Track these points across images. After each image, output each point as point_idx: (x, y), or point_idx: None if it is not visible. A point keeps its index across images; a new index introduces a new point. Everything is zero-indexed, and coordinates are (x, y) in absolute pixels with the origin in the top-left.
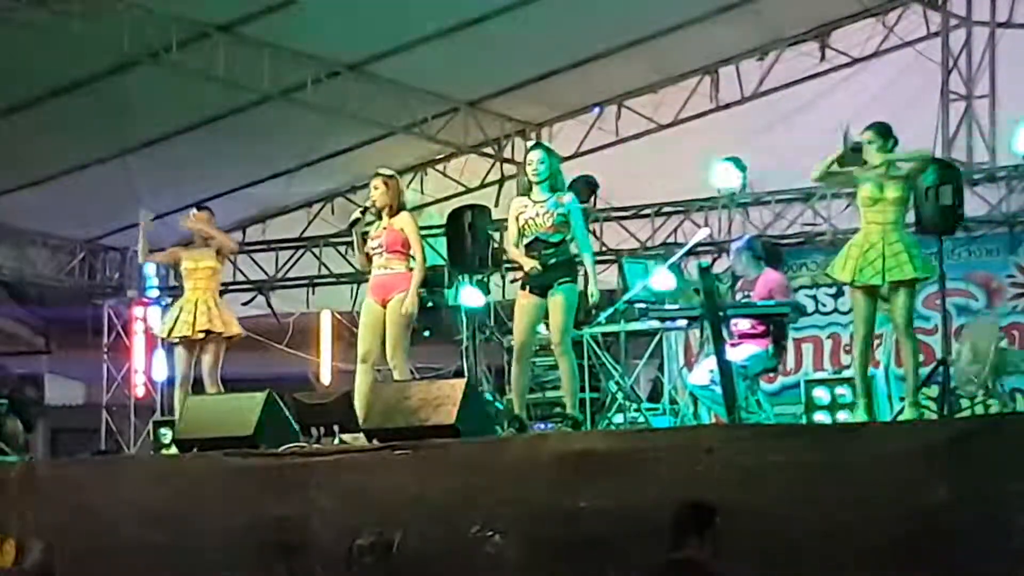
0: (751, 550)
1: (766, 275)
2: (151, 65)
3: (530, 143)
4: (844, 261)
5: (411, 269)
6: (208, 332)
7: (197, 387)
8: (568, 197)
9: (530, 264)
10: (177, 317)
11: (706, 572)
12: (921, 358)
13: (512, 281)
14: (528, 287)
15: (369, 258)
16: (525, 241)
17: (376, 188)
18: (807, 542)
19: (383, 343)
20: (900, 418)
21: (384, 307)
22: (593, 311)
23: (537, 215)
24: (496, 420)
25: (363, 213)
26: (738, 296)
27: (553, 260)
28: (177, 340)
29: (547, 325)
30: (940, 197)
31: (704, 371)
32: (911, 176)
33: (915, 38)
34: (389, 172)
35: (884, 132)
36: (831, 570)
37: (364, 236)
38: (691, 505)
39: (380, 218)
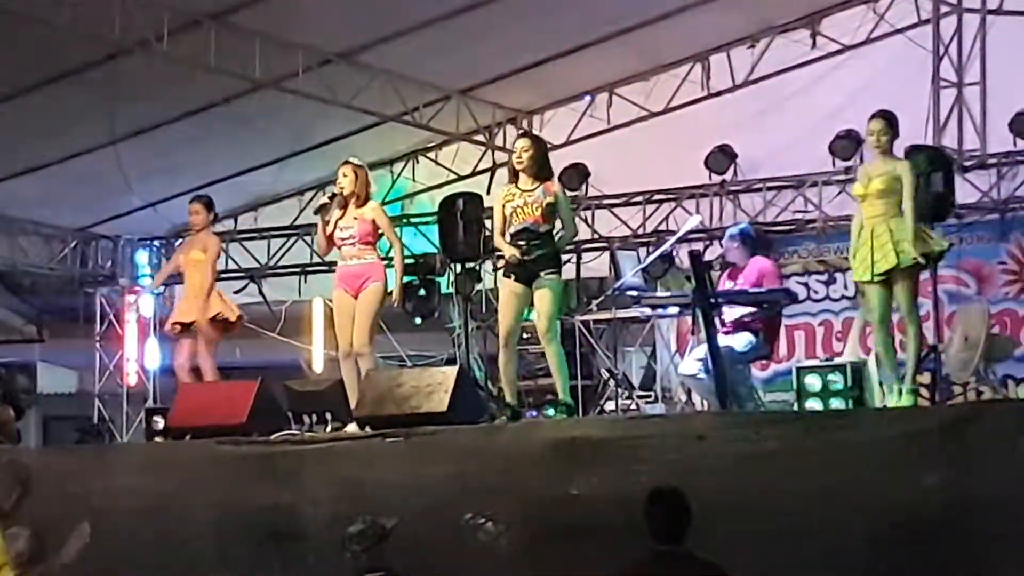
0: (744, 537)
1: (757, 262)
2: (142, 54)
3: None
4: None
5: (381, 258)
6: (196, 321)
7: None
8: (555, 186)
9: (510, 252)
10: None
11: (696, 562)
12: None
13: (495, 269)
14: (513, 275)
15: (331, 244)
16: (512, 230)
17: (344, 176)
18: (799, 529)
19: None
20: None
21: (356, 297)
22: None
23: (525, 204)
24: (488, 408)
25: (331, 199)
26: (725, 284)
27: (540, 251)
28: (178, 328)
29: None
30: (931, 184)
31: (694, 360)
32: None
33: (906, 25)
34: (358, 161)
35: (891, 120)
36: (823, 556)
37: (327, 223)
38: (663, 495)
39: (345, 207)
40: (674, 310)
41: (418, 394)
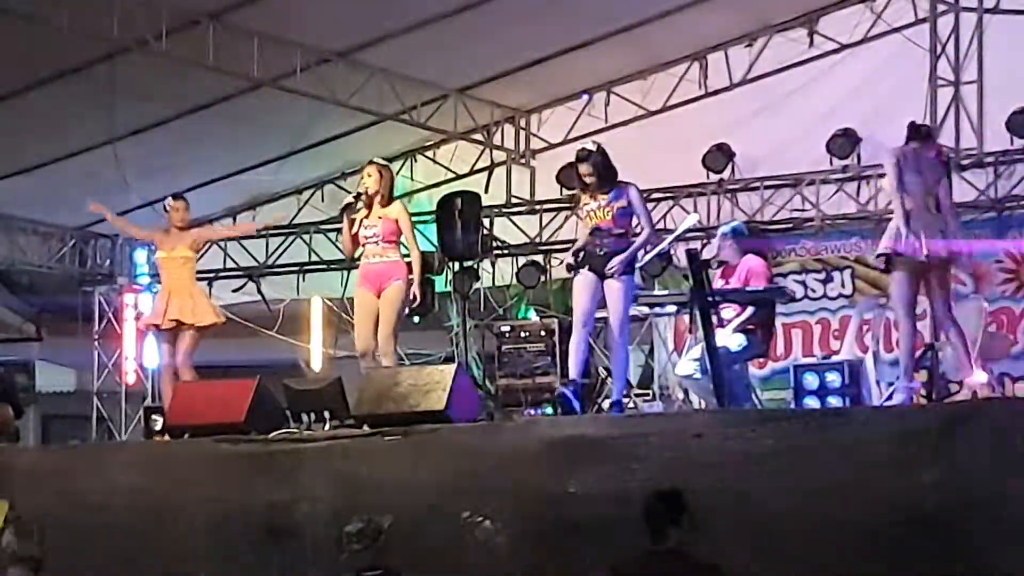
0: (741, 535)
1: (747, 261)
2: (141, 53)
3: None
4: None
5: (404, 256)
6: (179, 322)
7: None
8: (631, 189)
9: (567, 263)
10: (152, 307)
11: (693, 560)
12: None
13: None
14: (587, 266)
15: (356, 243)
16: (587, 230)
17: (369, 176)
18: (797, 526)
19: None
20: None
21: (379, 296)
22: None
23: (599, 208)
24: (486, 406)
25: (356, 199)
26: (717, 283)
27: (614, 247)
28: (154, 330)
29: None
30: None
31: (690, 360)
32: None
33: (903, 24)
34: (383, 161)
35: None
36: (821, 554)
37: (352, 222)
38: (659, 495)
39: (370, 207)
40: (672, 308)
41: (416, 392)
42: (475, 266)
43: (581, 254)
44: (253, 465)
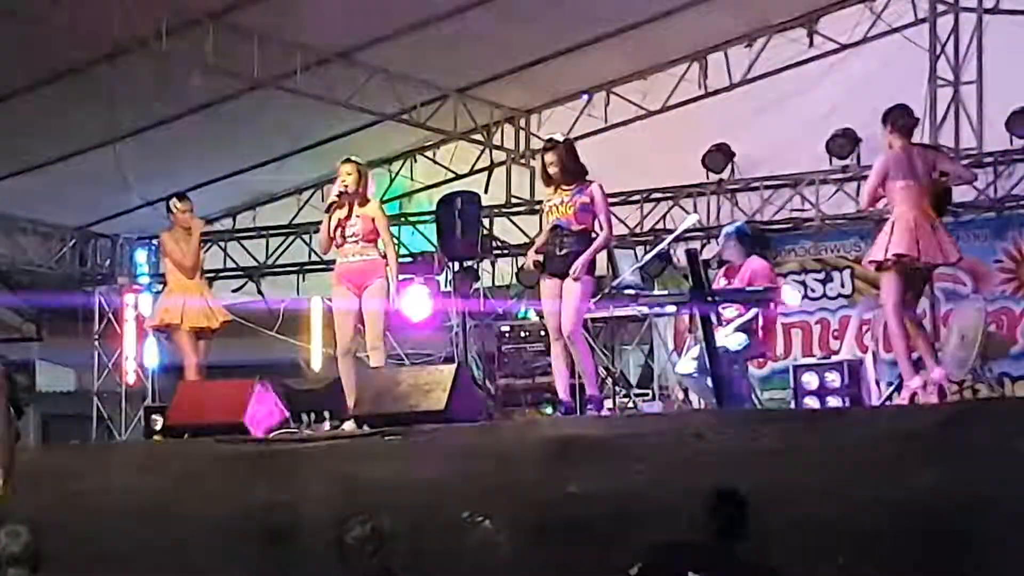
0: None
1: (750, 262)
2: (141, 53)
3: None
4: None
5: (383, 255)
6: (198, 328)
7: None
8: (594, 186)
9: (531, 257)
10: (183, 306)
11: (741, 561)
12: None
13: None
14: (547, 272)
15: (332, 242)
16: (548, 226)
17: (349, 174)
18: (796, 527)
19: (361, 329)
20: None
21: (359, 295)
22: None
23: (561, 203)
24: (486, 406)
25: (339, 197)
26: (720, 282)
27: (571, 248)
28: (192, 328)
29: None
30: None
31: (690, 359)
32: None
33: (903, 24)
34: (359, 159)
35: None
36: (821, 554)
37: (331, 220)
38: (722, 495)
39: (349, 206)
40: (671, 308)
41: (416, 392)
42: (475, 266)
43: (543, 256)
44: (253, 465)
